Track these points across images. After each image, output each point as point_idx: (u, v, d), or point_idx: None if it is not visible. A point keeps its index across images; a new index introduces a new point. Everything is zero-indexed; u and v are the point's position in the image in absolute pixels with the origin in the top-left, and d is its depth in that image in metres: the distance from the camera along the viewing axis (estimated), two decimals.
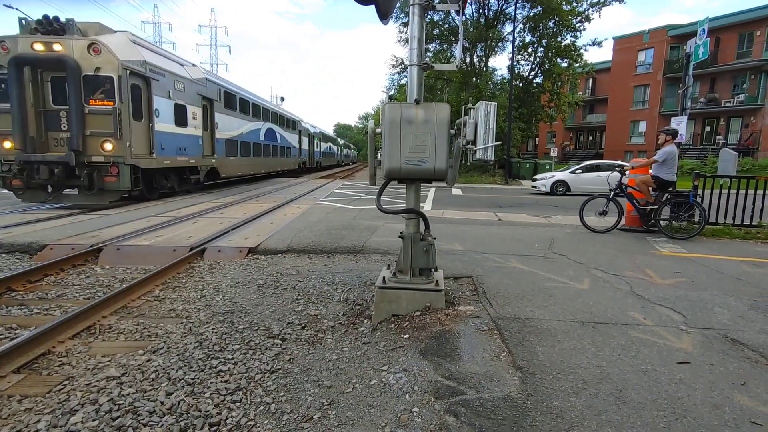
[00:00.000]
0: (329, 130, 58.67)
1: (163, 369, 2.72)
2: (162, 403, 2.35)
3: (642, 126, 35.78)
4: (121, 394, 2.42)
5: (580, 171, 16.77)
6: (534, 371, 2.60)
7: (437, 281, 3.61)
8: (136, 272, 4.98)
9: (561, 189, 16.36)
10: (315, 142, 34.09)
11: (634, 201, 7.26)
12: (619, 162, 18.65)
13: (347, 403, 2.36)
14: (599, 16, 30.48)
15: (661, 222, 7.08)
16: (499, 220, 8.79)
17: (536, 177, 17.93)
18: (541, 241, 6.49)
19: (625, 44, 36.23)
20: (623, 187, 7.35)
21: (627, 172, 7.56)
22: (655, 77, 33.97)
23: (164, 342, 3.12)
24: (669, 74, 32.38)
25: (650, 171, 7.27)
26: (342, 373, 2.69)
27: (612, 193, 7.35)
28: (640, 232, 7.33)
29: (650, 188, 7.11)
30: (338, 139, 54.17)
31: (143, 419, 2.21)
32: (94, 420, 2.19)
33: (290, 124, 25.84)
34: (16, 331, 3.32)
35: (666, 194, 7.05)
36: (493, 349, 2.93)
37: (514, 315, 3.50)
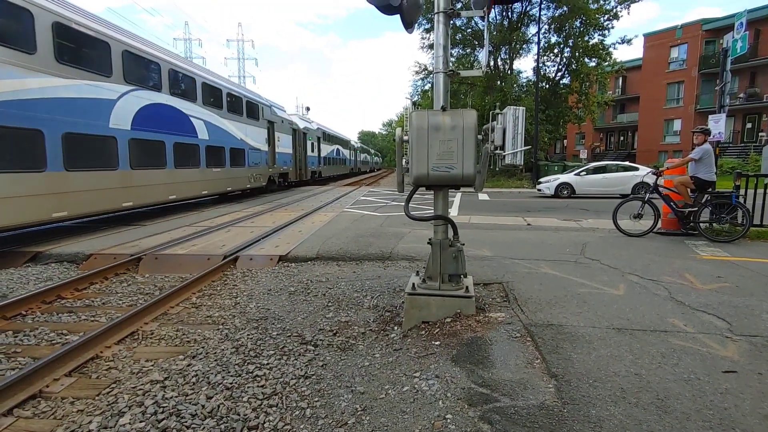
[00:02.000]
0: (354, 137, 59.74)
1: (203, 373, 2.82)
2: (203, 406, 2.44)
3: (677, 125, 34.41)
4: (165, 398, 2.53)
5: (585, 173, 16.24)
6: (569, 379, 2.55)
7: (467, 287, 3.59)
8: (174, 280, 5.18)
9: (565, 192, 15.86)
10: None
11: (672, 203, 6.99)
12: (626, 163, 17.98)
13: (380, 409, 2.38)
14: (628, 13, 29.62)
15: (701, 224, 6.78)
16: (528, 224, 8.65)
17: (541, 180, 17.48)
18: (573, 246, 6.34)
19: (657, 41, 35.04)
20: (659, 188, 7.09)
21: (659, 173, 7.30)
22: (690, 74, 32.65)
23: (203, 347, 3.23)
24: (704, 70, 31.08)
25: (687, 171, 7.00)
26: (374, 379, 2.71)
27: (647, 195, 7.11)
28: (678, 236, 7.05)
29: (689, 189, 6.84)
30: (370, 149, 60.37)
31: (186, 422, 2.30)
32: (141, 422, 2.30)
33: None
34: (67, 337, 3.52)
35: (706, 195, 6.76)
36: (526, 356, 2.89)
37: (546, 321, 3.44)
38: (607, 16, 25.36)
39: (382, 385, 2.63)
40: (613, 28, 26.28)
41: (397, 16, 3.81)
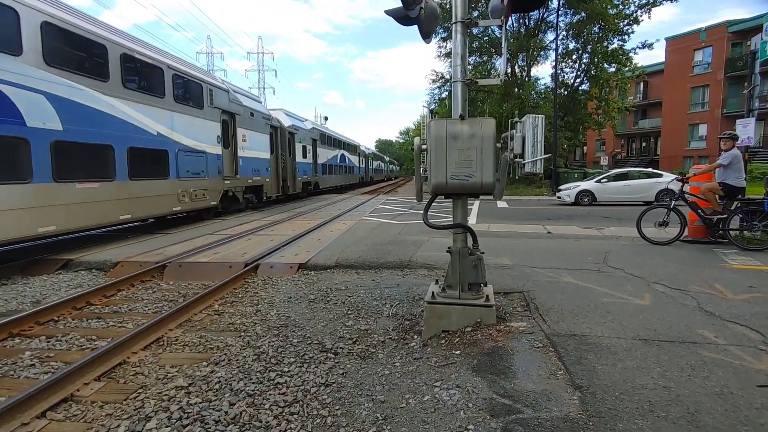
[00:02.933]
0: (372, 146, 59.92)
1: (226, 380, 2.86)
2: (226, 413, 2.48)
3: (702, 129, 33.47)
4: (189, 403, 2.58)
5: (607, 180, 15.88)
6: (594, 391, 2.50)
7: (487, 296, 3.56)
8: (197, 287, 5.29)
9: (586, 199, 15.55)
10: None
11: (699, 210, 6.79)
12: (649, 169, 17.50)
13: (401, 418, 2.37)
14: (649, 17, 29.07)
15: (731, 232, 6.56)
16: (549, 233, 8.51)
17: (560, 187, 17.17)
18: (595, 254, 6.21)
19: (680, 44, 34.30)
20: (685, 195, 6.91)
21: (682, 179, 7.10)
22: (715, 77, 31.80)
23: (225, 354, 3.29)
24: (731, 73, 30.23)
25: (715, 177, 6.80)
26: (395, 388, 2.71)
27: (672, 202, 6.93)
28: (706, 244, 6.83)
29: (717, 196, 6.64)
30: (385, 156, 57.54)
31: (210, 428, 2.34)
32: (166, 426, 2.35)
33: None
34: (96, 342, 3.63)
35: (735, 202, 6.55)
36: (549, 366, 2.84)
37: (569, 332, 3.38)
38: (626, 20, 25.00)
39: (403, 394, 2.62)
40: (633, 32, 25.79)
41: (415, 27, 3.86)
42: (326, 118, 37.97)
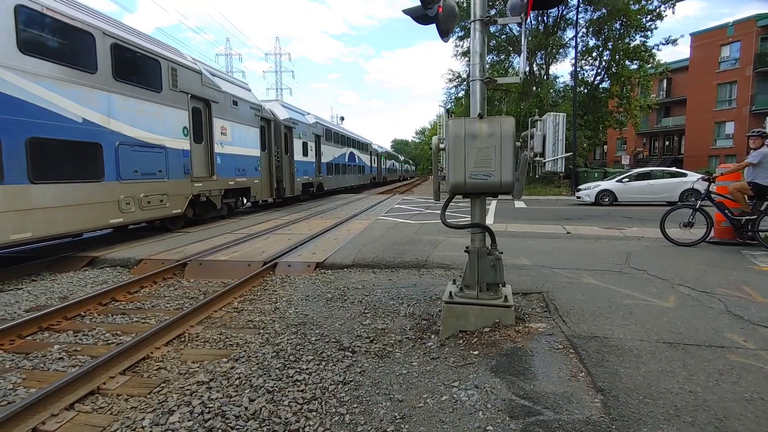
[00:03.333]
0: (387, 146, 59.69)
1: (245, 376, 2.91)
2: (246, 408, 2.51)
3: (729, 127, 32.42)
4: (211, 398, 2.62)
5: (628, 179, 15.47)
6: (617, 394, 2.44)
7: (506, 297, 3.52)
8: (217, 285, 5.38)
9: (607, 199, 15.19)
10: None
11: (726, 211, 6.58)
12: (673, 168, 16.98)
13: (419, 417, 2.37)
14: (672, 13, 28.27)
15: (761, 233, 6.33)
16: (568, 233, 8.37)
17: (580, 187, 16.81)
18: (616, 255, 6.08)
19: (705, 39, 33.30)
20: (711, 195, 6.70)
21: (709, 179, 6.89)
22: (744, 73, 30.76)
23: (245, 351, 3.34)
24: (760, 68, 29.23)
25: (743, 176, 6.57)
26: (412, 388, 2.70)
27: (698, 202, 6.73)
28: (734, 245, 6.61)
29: (746, 196, 6.42)
30: (399, 156, 55.49)
31: (230, 423, 2.38)
32: (189, 420, 2.39)
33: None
34: (121, 337, 3.73)
35: (765, 202, 6.32)
36: (570, 368, 2.79)
37: (590, 333, 3.31)
38: (649, 16, 24.38)
39: (420, 394, 2.62)
40: (656, 28, 25.13)
41: (431, 26, 3.85)
42: (342, 119, 38.23)
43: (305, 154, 17.09)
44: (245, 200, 12.98)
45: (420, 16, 3.76)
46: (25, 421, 2.36)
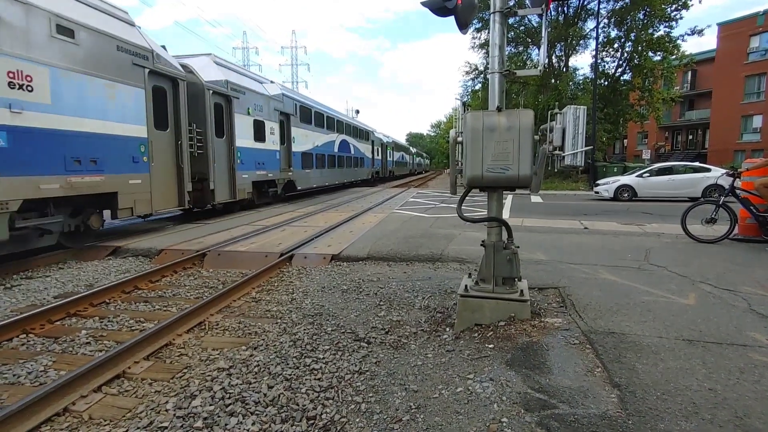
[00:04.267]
0: (402, 139, 58.28)
1: (264, 364, 2.98)
2: (265, 395, 2.58)
3: (757, 121, 31.35)
4: (231, 384, 2.70)
5: (648, 174, 15.08)
6: (634, 390, 2.43)
7: (522, 291, 3.52)
8: (235, 275, 5.49)
9: (626, 195, 14.85)
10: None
11: (751, 207, 6.40)
12: (696, 163, 16.49)
13: (434, 408, 2.40)
14: (699, 2, 27.27)
15: None
16: (585, 228, 8.26)
17: (599, 182, 16.43)
18: (635, 251, 5.98)
19: (733, 30, 32.14)
20: (736, 191, 6.52)
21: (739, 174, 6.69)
22: None
23: (263, 340, 3.41)
24: None
25: None
26: (427, 379, 2.73)
27: (722, 198, 6.56)
28: (759, 243, 6.43)
29: None
30: (410, 147, 51.37)
31: (250, 408, 2.45)
32: (210, 405, 2.47)
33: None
34: (144, 324, 3.85)
35: None
36: (586, 363, 2.78)
37: (607, 329, 3.29)
38: (674, 5, 23.63)
39: (435, 385, 2.65)
40: (681, 18, 24.35)
41: (448, 18, 3.82)
42: (357, 111, 38.17)
43: (259, 138, 12.06)
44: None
45: (439, 8, 3.73)
46: (57, 401, 2.47)
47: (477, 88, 30.75)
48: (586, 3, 26.15)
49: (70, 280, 5.31)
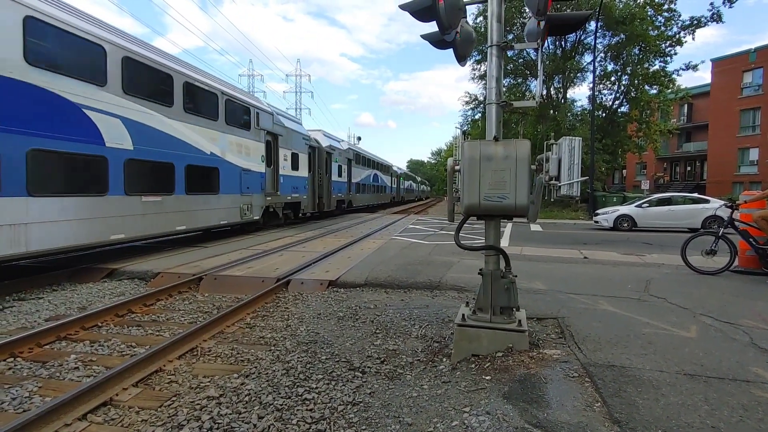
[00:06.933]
0: (403, 166, 61.33)
1: (255, 393, 2.90)
2: (255, 425, 2.50)
3: (753, 154, 31.75)
4: (220, 414, 2.63)
5: (648, 205, 15.15)
6: (635, 426, 2.35)
7: (520, 321, 3.46)
8: (230, 300, 5.43)
9: (626, 224, 14.86)
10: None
11: (751, 239, 6.39)
12: (695, 194, 16.61)
13: None
14: (692, 39, 28.12)
15: None
16: (585, 258, 8.22)
17: (598, 212, 16.50)
18: (635, 282, 5.93)
19: (727, 65, 33.03)
20: (735, 223, 6.52)
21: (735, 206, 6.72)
22: (767, 99, 30.24)
23: (255, 367, 3.34)
24: None
25: None
26: (422, 411, 2.66)
27: (721, 229, 6.56)
28: (759, 275, 6.38)
29: None
30: (416, 177, 59.45)
31: None
32: None
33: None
34: (135, 349, 3.78)
35: None
36: (585, 397, 2.71)
37: (607, 362, 3.22)
38: (668, 42, 24.35)
39: (431, 418, 2.57)
40: (675, 54, 25.02)
41: (449, 50, 3.93)
42: (359, 138, 38.84)
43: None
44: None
45: (438, 41, 3.85)
46: (39, 430, 2.39)
47: (477, 117, 31.33)
48: (583, 38, 26.95)
49: (63, 303, 5.24)
